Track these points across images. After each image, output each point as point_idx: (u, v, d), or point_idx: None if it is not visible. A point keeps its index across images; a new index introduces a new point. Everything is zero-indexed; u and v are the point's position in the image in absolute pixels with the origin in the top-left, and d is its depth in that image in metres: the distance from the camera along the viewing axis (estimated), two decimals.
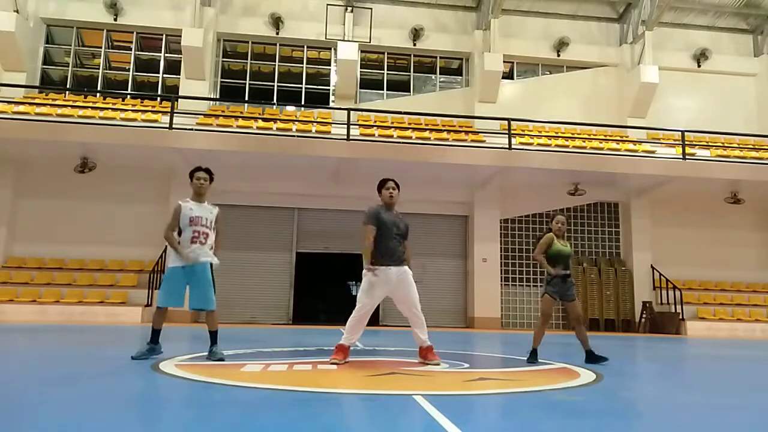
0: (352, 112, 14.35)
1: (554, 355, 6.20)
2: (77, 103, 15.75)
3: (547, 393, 3.75)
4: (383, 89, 18.24)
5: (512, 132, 14.52)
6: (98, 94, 17.10)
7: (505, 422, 2.92)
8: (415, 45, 17.98)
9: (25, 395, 3.22)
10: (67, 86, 17.10)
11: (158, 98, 16.82)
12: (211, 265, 4.99)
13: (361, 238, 4.97)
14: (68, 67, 17.19)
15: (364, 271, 4.91)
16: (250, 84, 17.80)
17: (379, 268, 4.87)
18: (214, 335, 5.03)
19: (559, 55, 18.38)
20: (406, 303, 4.99)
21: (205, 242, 4.95)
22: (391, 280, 4.90)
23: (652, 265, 15.64)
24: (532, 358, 5.52)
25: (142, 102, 16.64)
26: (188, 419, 2.76)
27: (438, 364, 4.91)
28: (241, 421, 2.66)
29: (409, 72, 18.46)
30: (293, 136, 14.45)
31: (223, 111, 16.50)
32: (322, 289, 17.50)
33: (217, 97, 17.47)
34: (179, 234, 4.96)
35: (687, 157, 14.74)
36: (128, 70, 17.44)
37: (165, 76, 17.52)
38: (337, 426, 2.74)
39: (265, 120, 15.59)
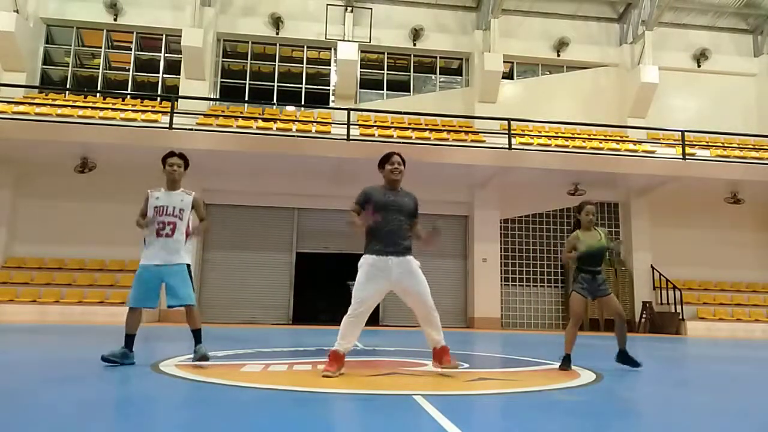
0: (352, 112, 14.37)
1: (555, 356, 6.19)
2: (77, 103, 15.74)
3: (547, 393, 3.75)
4: (383, 89, 18.23)
5: (512, 132, 14.53)
6: (98, 94, 17.09)
7: (506, 422, 2.92)
8: (415, 45, 17.97)
9: (25, 395, 3.22)
10: (67, 86, 17.09)
11: (158, 98, 16.81)
12: (189, 266, 4.60)
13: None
14: (68, 67, 17.18)
15: (360, 262, 4.21)
16: (250, 84, 17.79)
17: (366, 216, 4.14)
18: (197, 334, 4.54)
19: (559, 55, 18.37)
20: (414, 297, 4.21)
21: (171, 234, 4.53)
22: (390, 271, 4.11)
23: (652, 265, 15.64)
24: (565, 364, 4.80)
25: (142, 102, 16.63)
26: (188, 419, 2.76)
27: (456, 368, 4.28)
28: (240, 421, 2.66)
29: (409, 72, 18.45)
30: (293, 136, 14.44)
31: (223, 111, 16.49)
32: (322, 290, 17.48)
33: (217, 97, 17.46)
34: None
35: (687, 157, 14.75)
36: (128, 70, 17.43)
37: (165, 76, 17.51)
38: (337, 426, 2.75)
39: (265, 120, 15.58)
